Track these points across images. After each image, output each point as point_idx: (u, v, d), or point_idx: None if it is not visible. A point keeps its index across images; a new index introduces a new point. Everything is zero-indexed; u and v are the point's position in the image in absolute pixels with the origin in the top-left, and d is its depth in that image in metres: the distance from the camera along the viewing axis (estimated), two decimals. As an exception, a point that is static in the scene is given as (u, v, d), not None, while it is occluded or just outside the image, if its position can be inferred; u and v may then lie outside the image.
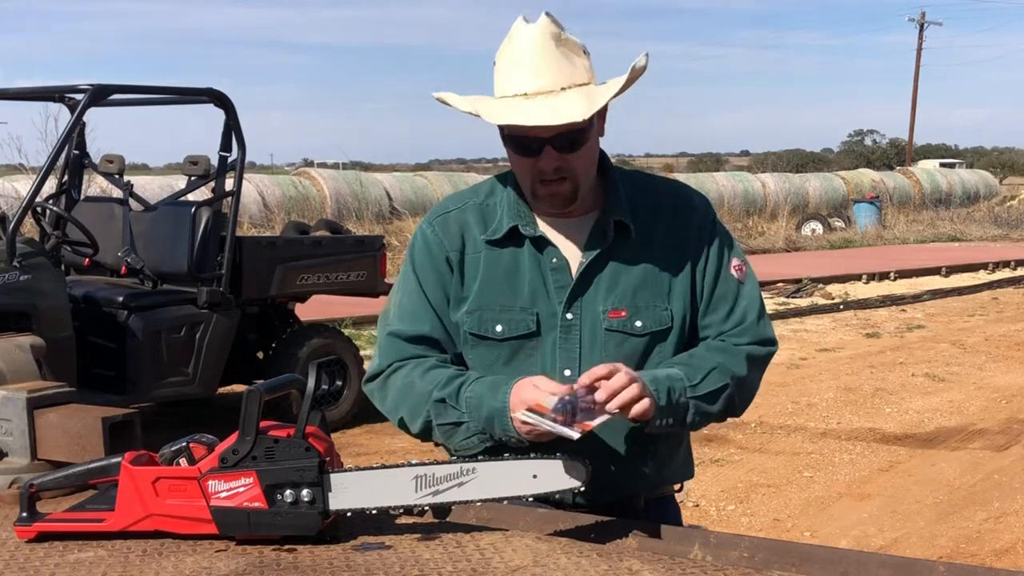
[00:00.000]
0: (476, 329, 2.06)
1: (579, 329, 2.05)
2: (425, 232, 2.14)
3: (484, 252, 2.08)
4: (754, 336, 2.11)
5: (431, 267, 2.10)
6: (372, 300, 8.94)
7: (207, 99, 7.23)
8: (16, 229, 6.21)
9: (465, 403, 1.98)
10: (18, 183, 18.21)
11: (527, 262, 2.07)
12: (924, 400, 8.92)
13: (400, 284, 2.15)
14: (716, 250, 2.13)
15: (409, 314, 2.10)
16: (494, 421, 1.94)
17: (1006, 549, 5.42)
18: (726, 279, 2.12)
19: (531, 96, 1.94)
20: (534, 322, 2.05)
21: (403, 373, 2.05)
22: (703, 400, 2.02)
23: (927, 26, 47.09)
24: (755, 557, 1.66)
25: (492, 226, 2.09)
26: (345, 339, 8.25)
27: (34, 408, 2.04)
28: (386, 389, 2.08)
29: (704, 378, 2.02)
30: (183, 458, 1.69)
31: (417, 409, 2.03)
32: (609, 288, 2.06)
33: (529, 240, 2.07)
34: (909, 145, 49.68)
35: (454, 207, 2.14)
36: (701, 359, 2.06)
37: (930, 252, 22.35)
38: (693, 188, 2.23)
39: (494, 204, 2.12)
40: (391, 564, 1.57)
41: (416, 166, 67.34)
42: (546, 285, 2.06)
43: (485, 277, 2.07)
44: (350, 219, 21.51)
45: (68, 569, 1.57)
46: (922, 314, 14.06)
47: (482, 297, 2.06)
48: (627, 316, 2.05)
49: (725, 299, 2.11)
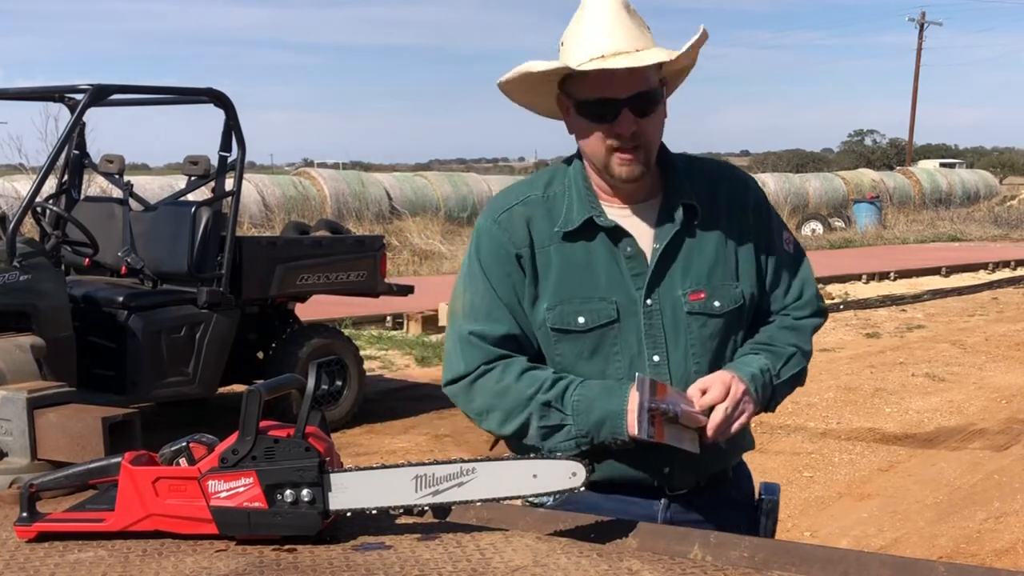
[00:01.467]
0: (559, 324, 2.06)
1: (661, 315, 2.06)
2: (491, 230, 2.11)
3: (555, 246, 2.07)
4: (813, 308, 2.20)
5: (500, 266, 2.08)
6: (372, 300, 8.95)
7: (207, 99, 7.23)
8: (16, 229, 6.21)
9: (572, 407, 2.00)
10: (18, 183, 18.22)
11: (601, 252, 2.07)
12: (924, 400, 8.93)
13: (467, 283, 2.13)
14: (772, 226, 2.19)
15: (484, 314, 2.08)
16: (604, 425, 1.97)
17: (1006, 549, 5.42)
18: (784, 254, 2.19)
19: (607, 57, 1.95)
20: (615, 310, 2.05)
21: (495, 376, 2.05)
22: (785, 384, 2.13)
23: (927, 26, 47.14)
24: (755, 557, 1.66)
25: (562, 218, 2.08)
26: (345, 339, 8.25)
27: (34, 408, 2.04)
28: (473, 391, 2.08)
29: (786, 363, 2.12)
30: (183, 458, 1.69)
31: (513, 412, 2.04)
32: (684, 271, 2.08)
33: (603, 231, 2.07)
34: (909, 145, 49.69)
35: (516, 201, 2.12)
36: (781, 343, 2.14)
37: (930, 252, 22.34)
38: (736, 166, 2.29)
39: (556, 196, 2.11)
40: (391, 564, 1.57)
41: (416, 166, 67.40)
42: (622, 273, 2.06)
43: (561, 271, 2.06)
44: (350, 219, 21.52)
45: (68, 569, 1.57)
46: (922, 314, 14.06)
47: (561, 291, 2.06)
48: (706, 297, 2.08)
49: (785, 274, 2.18)
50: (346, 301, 9.20)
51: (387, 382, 9.56)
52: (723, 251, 2.11)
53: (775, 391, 2.10)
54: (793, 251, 2.21)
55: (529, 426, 2.03)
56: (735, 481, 2.24)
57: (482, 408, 2.08)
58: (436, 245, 20.73)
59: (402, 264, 18.75)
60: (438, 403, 8.67)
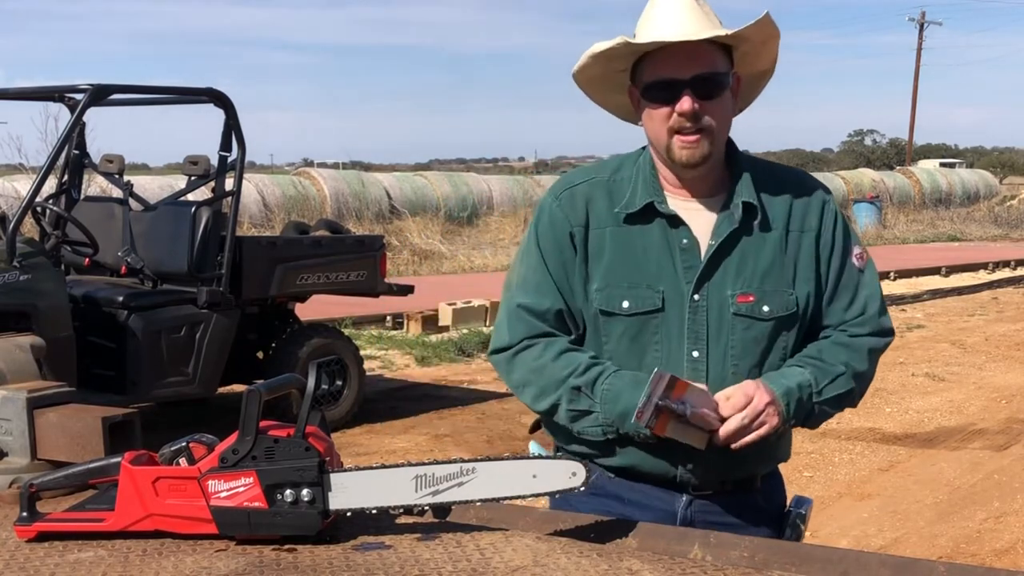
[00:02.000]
0: (605, 306, 2.07)
1: (706, 311, 2.05)
2: (551, 206, 2.13)
3: (611, 229, 2.08)
4: (874, 327, 2.15)
5: (554, 243, 2.10)
6: (372, 300, 8.95)
7: (207, 99, 7.23)
8: (16, 229, 6.21)
9: (601, 395, 2.01)
10: (18, 183, 18.21)
11: (657, 240, 2.07)
12: (924, 400, 8.93)
13: (523, 256, 2.16)
14: (840, 238, 2.14)
15: (534, 287, 2.11)
16: (627, 416, 1.96)
17: (1006, 549, 5.42)
18: (849, 268, 2.14)
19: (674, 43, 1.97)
20: (660, 299, 2.05)
21: (535, 352, 2.08)
22: (827, 404, 2.08)
23: (927, 26, 47.18)
24: (755, 557, 1.66)
25: (624, 200, 2.09)
26: (345, 339, 8.25)
27: (34, 408, 2.03)
28: (513, 364, 2.11)
29: (832, 382, 2.07)
30: (183, 458, 1.69)
31: (547, 390, 2.06)
32: (737, 272, 2.06)
33: (662, 218, 2.07)
34: (909, 145, 49.70)
35: (580, 180, 2.14)
36: (831, 360, 2.09)
37: (930, 252, 22.35)
38: (814, 176, 2.25)
39: (622, 180, 2.12)
40: (391, 564, 1.57)
41: (416, 166, 67.37)
42: (674, 264, 2.06)
43: (614, 254, 2.07)
44: (350, 219, 21.50)
45: (68, 569, 1.57)
46: (922, 314, 14.06)
47: (611, 274, 2.07)
48: (755, 300, 2.06)
49: (848, 288, 2.14)
50: (346, 301, 9.20)
51: (387, 382, 9.56)
52: (781, 256, 2.08)
53: (815, 409, 2.06)
54: (862, 266, 2.16)
55: (559, 407, 2.06)
56: (764, 490, 2.20)
57: (520, 382, 2.11)
58: (436, 245, 20.73)
59: (402, 264, 18.75)
60: (438, 403, 8.68)
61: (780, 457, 2.22)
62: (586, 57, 2.06)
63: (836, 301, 2.13)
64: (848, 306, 2.13)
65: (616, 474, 2.11)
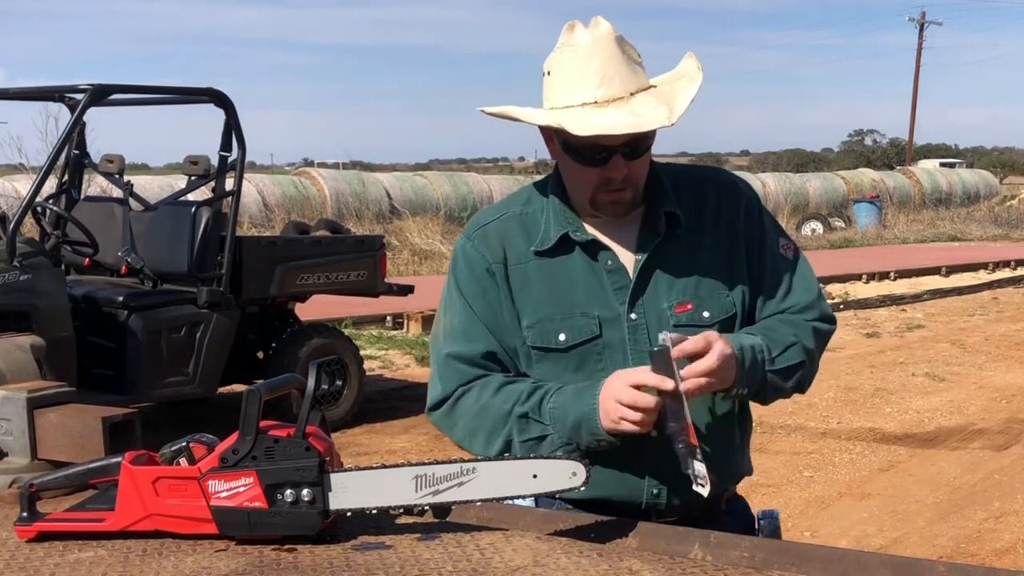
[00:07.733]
0: (539, 342, 2.00)
1: (646, 328, 1.99)
2: (465, 248, 2.06)
3: (532, 263, 2.01)
4: (818, 313, 2.09)
5: (476, 284, 2.02)
6: (372, 300, 8.95)
7: (207, 99, 7.24)
8: (16, 229, 6.22)
9: (549, 415, 1.93)
10: (18, 183, 18.23)
11: (581, 267, 2.01)
12: (924, 400, 8.93)
13: (446, 305, 2.08)
14: (766, 232, 2.09)
15: (462, 333, 2.02)
16: (581, 427, 1.89)
17: (1006, 549, 5.42)
18: (778, 259, 2.09)
19: (601, 104, 1.89)
20: (596, 325, 1.99)
21: (472, 396, 1.99)
22: (779, 375, 1.99)
23: (927, 26, 47.17)
24: (755, 557, 1.65)
25: (539, 236, 2.03)
26: (345, 339, 8.25)
27: (34, 408, 2.04)
28: (454, 416, 2.02)
29: (783, 352, 1.99)
30: (183, 458, 1.69)
31: (496, 429, 1.97)
32: (670, 283, 2.01)
33: (580, 246, 2.01)
34: (909, 145, 49.68)
35: (491, 218, 2.07)
36: (780, 332, 2.01)
37: (930, 252, 22.34)
38: (733, 172, 2.20)
39: (534, 212, 2.05)
40: (391, 564, 1.57)
41: (416, 166, 67.40)
42: (603, 287, 2.00)
43: (540, 288, 2.01)
44: (350, 219, 21.51)
45: (68, 569, 1.57)
46: (922, 314, 14.06)
47: (540, 309, 2.00)
48: (694, 308, 2.00)
49: (782, 279, 2.08)
50: (346, 301, 9.20)
51: (387, 382, 9.56)
52: (712, 259, 2.03)
53: (766, 377, 1.97)
54: (792, 256, 2.11)
55: (512, 441, 1.97)
56: (728, 512, 2.12)
57: (465, 432, 2.02)
58: (436, 245, 20.72)
59: (402, 264, 18.75)
60: (438, 403, 8.66)
61: (743, 471, 2.16)
62: (502, 114, 1.99)
63: (771, 295, 2.07)
64: (784, 296, 2.08)
65: (576, 507, 2.01)
